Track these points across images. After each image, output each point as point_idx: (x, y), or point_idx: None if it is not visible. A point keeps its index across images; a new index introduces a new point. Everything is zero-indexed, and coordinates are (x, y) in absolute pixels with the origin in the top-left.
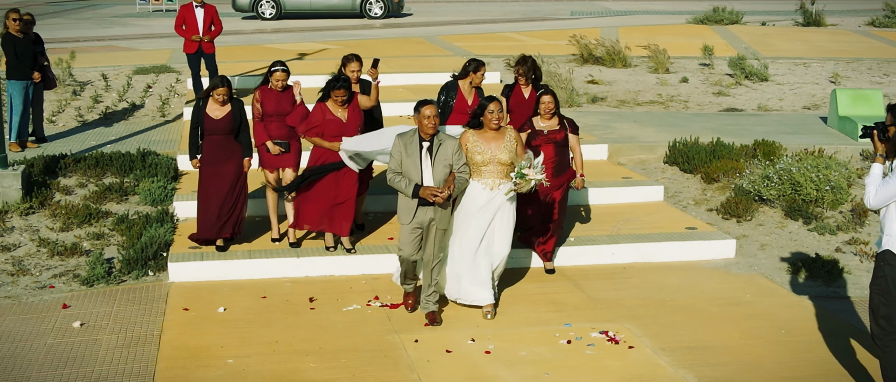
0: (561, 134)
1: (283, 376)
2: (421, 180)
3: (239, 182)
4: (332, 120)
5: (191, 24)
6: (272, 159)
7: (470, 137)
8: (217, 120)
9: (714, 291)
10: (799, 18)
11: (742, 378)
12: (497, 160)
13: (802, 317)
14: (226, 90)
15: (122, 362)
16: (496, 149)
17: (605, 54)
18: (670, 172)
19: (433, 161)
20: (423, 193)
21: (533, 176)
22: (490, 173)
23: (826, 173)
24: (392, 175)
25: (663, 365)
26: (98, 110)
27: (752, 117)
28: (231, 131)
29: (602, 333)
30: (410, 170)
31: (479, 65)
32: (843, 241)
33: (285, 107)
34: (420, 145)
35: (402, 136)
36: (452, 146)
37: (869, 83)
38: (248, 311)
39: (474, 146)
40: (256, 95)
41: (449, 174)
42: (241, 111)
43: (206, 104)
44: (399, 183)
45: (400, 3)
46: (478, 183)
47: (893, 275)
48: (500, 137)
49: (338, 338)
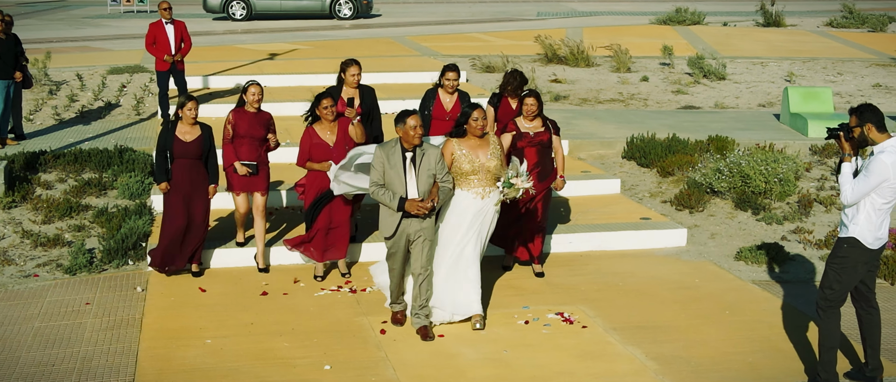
0: (546, 135)
1: (258, 354)
2: (405, 193)
3: (206, 211)
4: (318, 144)
5: (162, 41)
6: (241, 181)
7: (455, 146)
8: (188, 143)
9: (665, 276)
10: (760, 19)
11: (686, 353)
12: (485, 168)
13: (746, 300)
14: (195, 104)
15: (107, 342)
16: (484, 156)
17: (569, 54)
18: (628, 166)
19: (417, 172)
20: (409, 206)
21: (520, 184)
22: (479, 182)
23: (774, 166)
24: (375, 188)
25: (613, 343)
26: (74, 109)
27: (709, 114)
28: (201, 156)
29: (558, 314)
30: (394, 182)
31: (446, 69)
32: (789, 230)
33: (258, 130)
34: (403, 155)
35: (384, 147)
36: (435, 155)
37: (823, 81)
38: (225, 296)
39: (461, 155)
40: (229, 117)
41: (433, 184)
42: (210, 136)
43: (175, 127)
44: (383, 196)
45: (369, 3)
46: (467, 193)
47: (856, 258)
48: (484, 144)
49: (310, 320)
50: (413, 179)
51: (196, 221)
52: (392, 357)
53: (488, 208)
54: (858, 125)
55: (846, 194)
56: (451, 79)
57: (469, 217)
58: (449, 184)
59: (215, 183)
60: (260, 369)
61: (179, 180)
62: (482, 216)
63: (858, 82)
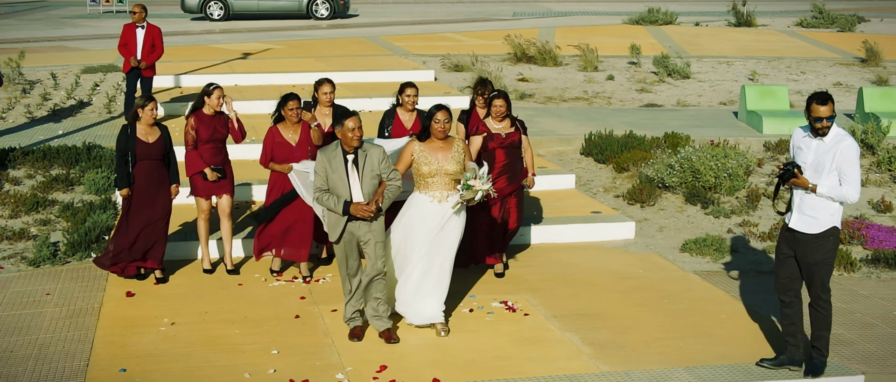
0: (516, 136)
1: (210, 341)
2: (350, 196)
3: (168, 213)
4: (281, 143)
5: (132, 45)
6: (207, 186)
7: (416, 147)
8: (150, 144)
9: (610, 267)
10: (732, 19)
11: (620, 339)
12: (444, 171)
13: (686, 289)
14: (154, 105)
15: (64, 330)
16: (443, 159)
17: (537, 54)
18: (585, 162)
19: (361, 174)
20: (354, 209)
21: (479, 187)
22: (437, 185)
23: (724, 161)
24: (318, 193)
25: (552, 329)
26: (47, 107)
27: (670, 112)
28: (162, 156)
29: (502, 303)
30: (337, 186)
31: (404, 86)
32: (736, 223)
33: (220, 132)
34: (344, 158)
35: (325, 151)
36: (378, 155)
37: (785, 80)
38: (181, 286)
39: (421, 157)
40: (190, 123)
41: (379, 185)
42: (168, 136)
43: (135, 129)
44: (327, 201)
45: (346, 3)
46: (425, 196)
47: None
48: (447, 147)
49: (262, 309)
50: (357, 181)
51: (157, 222)
52: (338, 343)
53: (446, 213)
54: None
55: (852, 192)
56: (410, 95)
57: (427, 222)
58: (397, 182)
59: (177, 182)
60: (210, 354)
61: (143, 183)
62: (442, 221)
63: (820, 81)
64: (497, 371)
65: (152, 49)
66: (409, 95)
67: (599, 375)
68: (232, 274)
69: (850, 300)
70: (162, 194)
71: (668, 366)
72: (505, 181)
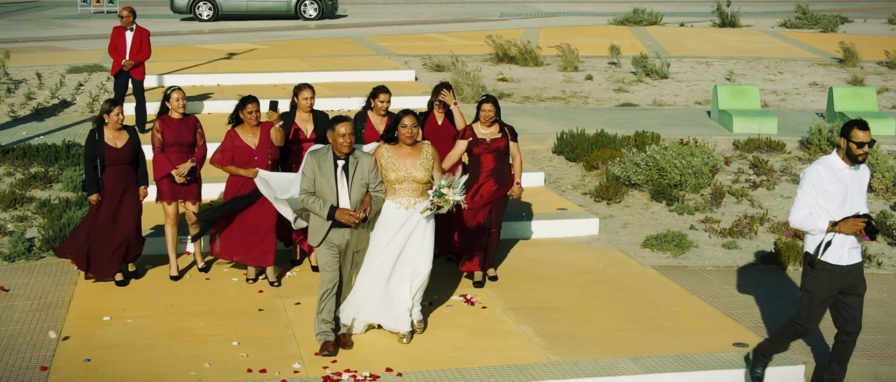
0: (503, 142)
1: (174, 332)
2: (336, 201)
3: (139, 213)
4: (241, 146)
5: (121, 48)
6: (174, 191)
7: (384, 152)
8: (119, 149)
9: (571, 262)
10: (716, 20)
11: (573, 331)
12: (412, 178)
13: (643, 283)
14: (120, 109)
15: (34, 322)
16: (412, 166)
17: (518, 54)
18: (557, 160)
19: (350, 181)
20: (339, 215)
21: (451, 196)
22: (405, 192)
23: (689, 159)
24: (305, 196)
25: (508, 321)
26: (30, 107)
27: (644, 112)
28: (131, 160)
29: (461, 296)
30: (325, 190)
31: (377, 91)
32: (698, 220)
33: (186, 136)
34: (335, 163)
35: (315, 153)
36: (369, 163)
37: (762, 80)
38: (150, 281)
39: (389, 162)
40: (156, 126)
41: (365, 194)
42: (137, 138)
43: (102, 134)
44: (313, 204)
45: (334, 4)
46: (391, 202)
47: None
48: (416, 153)
49: (228, 302)
50: (345, 187)
51: (128, 227)
52: (298, 334)
53: (413, 221)
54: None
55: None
56: (383, 100)
57: (392, 229)
58: (382, 193)
59: (145, 184)
60: (173, 345)
61: (112, 188)
62: (407, 230)
63: (796, 81)
64: (450, 362)
65: (140, 50)
66: (383, 100)
67: (548, 365)
68: (203, 272)
69: None
70: (131, 198)
71: (617, 356)
72: (489, 188)
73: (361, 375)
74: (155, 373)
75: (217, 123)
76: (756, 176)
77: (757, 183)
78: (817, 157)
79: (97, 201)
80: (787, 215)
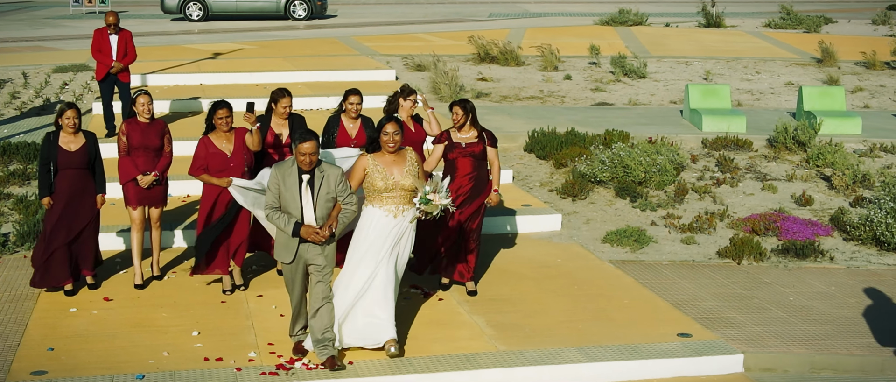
0: (479, 147)
1: (137, 323)
2: (301, 217)
3: (94, 220)
4: (215, 153)
5: (105, 51)
6: (139, 195)
7: (369, 161)
8: (73, 153)
9: (531, 256)
10: (702, 20)
11: (524, 322)
12: (400, 186)
13: (598, 277)
14: (75, 112)
15: (2, 313)
16: (398, 174)
17: (499, 54)
18: (527, 158)
19: (315, 195)
20: (304, 233)
21: (438, 201)
22: (392, 199)
23: (654, 157)
24: (270, 211)
25: (462, 313)
26: (14, 106)
27: (618, 110)
28: (87, 165)
29: (418, 288)
30: (289, 205)
31: (348, 93)
32: (660, 216)
33: (153, 140)
34: (299, 177)
35: (280, 166)
36: (336, 176)
37: (740, 80)
38: (118, 273)
39: (375, 171)
40: (122, 129)
41: (333, 208)
42: (95, 143)
43: (57, 137)
44: (278, 220)
45: (323, 4)
46: (379, 209)
47: None
48: (400, 160)
49: (192, 295)
50: (310, 203)
51: (84, 233)
52: (257, 325)
53: (403, 227)
54: None
55: None
56: (353, 103)
57: (382, 236)
58: (353, 207)
59: (103, 192)
60: (135, 335)
61: (64, 192)
62: (396, 236)
63: (772, 80)
64: (404, 351)
65: (125, 54)
66: (353, 102)
67: (495, 354)
68: (158, 280)
69: (751, 286)
70: (86, 203)
71: (563, 346)
72: (465, 194)
73: (313, 364)
74: (115, 361)
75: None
76: (721, 173)
77: (721, 180)
78: (783, 155)
79: (49, 204)
80: (747, 211)
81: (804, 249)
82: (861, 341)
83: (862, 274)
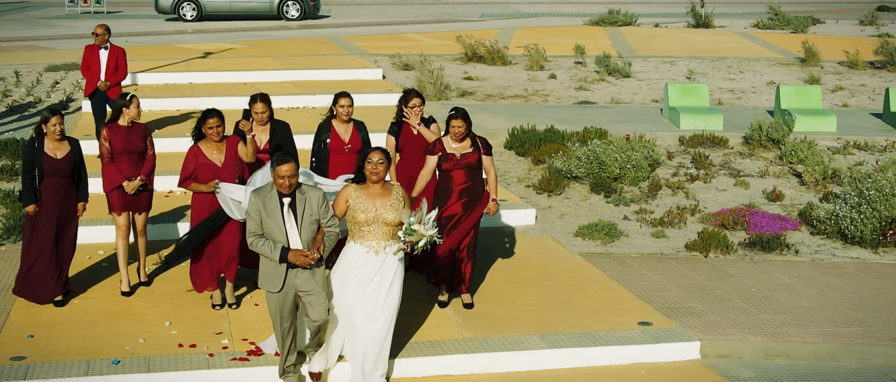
0: (474, 156)
1: (115, 312)
2: (287, 242)
3: (76, 230)
4: (205, 164)
5: (95, 68)
6: (124, 202)
7: (352, 192)
8: (59, 160)
9: (503, 250)
10: (691, 20)
11: (490, 311)
12: (382, 220)
13: (566, 268)
14: (60, 119)
15: None
16: (381, 207)
17: (486, 53)
18: (507, 155)
19: (299, 219)
20: (292, 257)
21: (423, 232)
22: (374, 235)
23: (629, 154)
24: (253, 238)
25: (431, 303)
26: (5, 104)
27: (600, 109)
28: (72, 173)
29: None
30: (273, 231)
31: (338, 96)
32: (633, 211)
33: (136, 144)
34: (280, 201)
35: (259, 192)
36: (317, 198)
37: (722, 79)
38: (101, 263)
39: (357, 203)
40: (104, 134)
41: (317, 231)
42: (79, 150)
43: (42, 143)
44: (263, 247)
45: (316, 4)
46: (360, 246)
47: None
48: (385, 193)
49: (171, 286)
50: (294, 227)
51: (67, 244)
52: (231, 315)
53: (386, 264)
54: None
55: None
56: (344, 105)
57: (359, 275)
58: (335, 229)
59: (85, 200)
60: (113, 323)
61: (50, 200)
62: (377, 274)
63: (755, 80)
64: None
65: (116, 70)
66: (343, 105)
67: (460, 341)
68: (145, 286)
69: (716, 278)
70: (72, 213)
71: (526, 333)
72: (461, 207)
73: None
74: (91, 348)
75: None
76: (695, 170)
77: (695, 176)
78: (757, 152)
79: (34, 211)
80: (718, 206)
81: (770, 242)
82: (816, 329)
83: (825, 267)
